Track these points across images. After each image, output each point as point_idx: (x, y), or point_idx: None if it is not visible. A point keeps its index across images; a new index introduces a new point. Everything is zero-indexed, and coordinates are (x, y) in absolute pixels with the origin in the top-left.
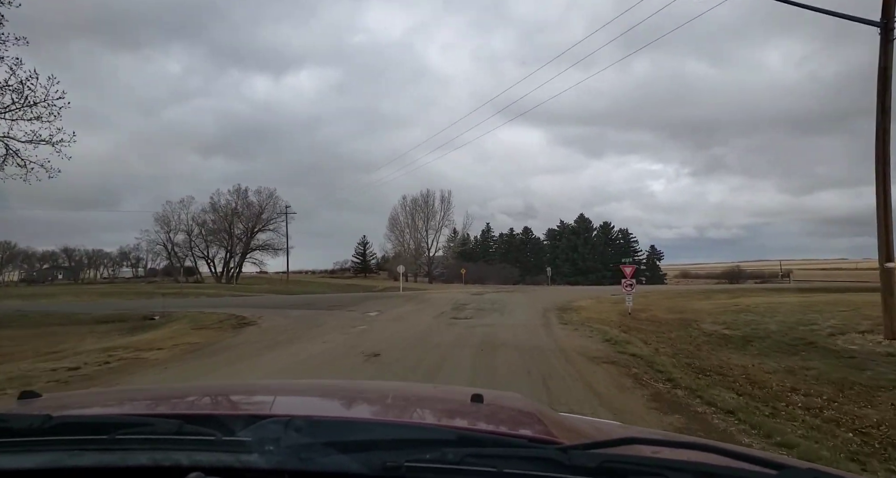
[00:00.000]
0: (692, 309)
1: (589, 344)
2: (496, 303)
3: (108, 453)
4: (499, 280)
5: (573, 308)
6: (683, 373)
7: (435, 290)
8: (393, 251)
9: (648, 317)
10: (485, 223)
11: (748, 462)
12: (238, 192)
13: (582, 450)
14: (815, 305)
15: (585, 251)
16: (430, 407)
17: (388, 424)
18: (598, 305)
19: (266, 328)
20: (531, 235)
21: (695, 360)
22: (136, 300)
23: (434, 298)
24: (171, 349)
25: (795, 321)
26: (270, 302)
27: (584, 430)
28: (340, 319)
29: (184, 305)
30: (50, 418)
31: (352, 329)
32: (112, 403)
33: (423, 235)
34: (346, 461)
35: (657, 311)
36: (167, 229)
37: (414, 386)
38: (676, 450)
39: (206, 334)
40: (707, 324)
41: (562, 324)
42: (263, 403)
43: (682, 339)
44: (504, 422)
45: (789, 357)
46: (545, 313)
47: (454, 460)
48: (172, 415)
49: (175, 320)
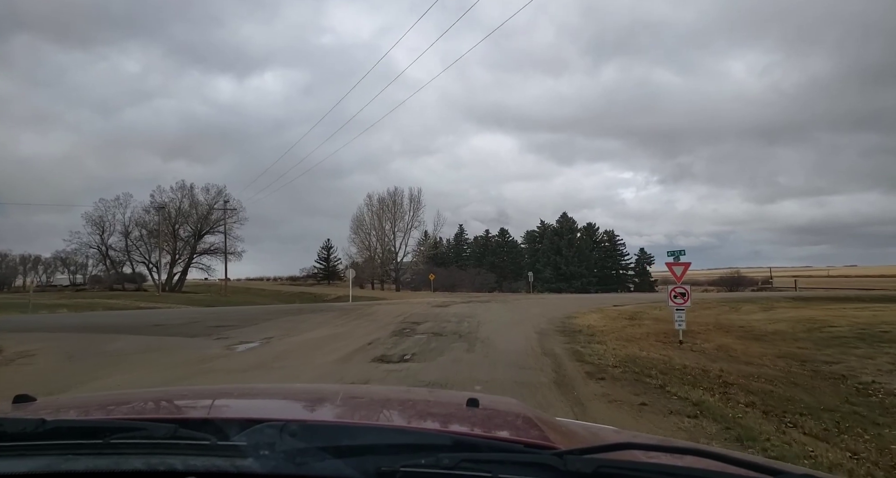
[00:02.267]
0: (760, 329)
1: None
2: (464, 321)
3: (102, 457)
4: (472, 287)
5: (582, 329)
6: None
7: (394, 299)
8: (358, 255)
9: (718, 348)
10: (458, 225)
11: (744, 467)
12: (182, 189)
13: (578, 455)
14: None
15: (570, 254)
16: (426, 412)
17: (383, 428)
18: (614, 322)
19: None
20: (508, 237)
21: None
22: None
23: (379, 313)
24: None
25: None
26: (128, 322)
27: (580, 435)
28: (165, 359)
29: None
30: (44, 422)
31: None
32: (107, 406)
33: (390, 238)
34: (341, 466)
35: (713, 332)
36: (100, 231)
37: (409, 391)
38: (672, 455)
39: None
40: (836, 362)
41: (592, 376)
42: (258, 407)
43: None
44: (500, 427)
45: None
46: (544, 342)
47: (450, 465)
48: (167, 419)
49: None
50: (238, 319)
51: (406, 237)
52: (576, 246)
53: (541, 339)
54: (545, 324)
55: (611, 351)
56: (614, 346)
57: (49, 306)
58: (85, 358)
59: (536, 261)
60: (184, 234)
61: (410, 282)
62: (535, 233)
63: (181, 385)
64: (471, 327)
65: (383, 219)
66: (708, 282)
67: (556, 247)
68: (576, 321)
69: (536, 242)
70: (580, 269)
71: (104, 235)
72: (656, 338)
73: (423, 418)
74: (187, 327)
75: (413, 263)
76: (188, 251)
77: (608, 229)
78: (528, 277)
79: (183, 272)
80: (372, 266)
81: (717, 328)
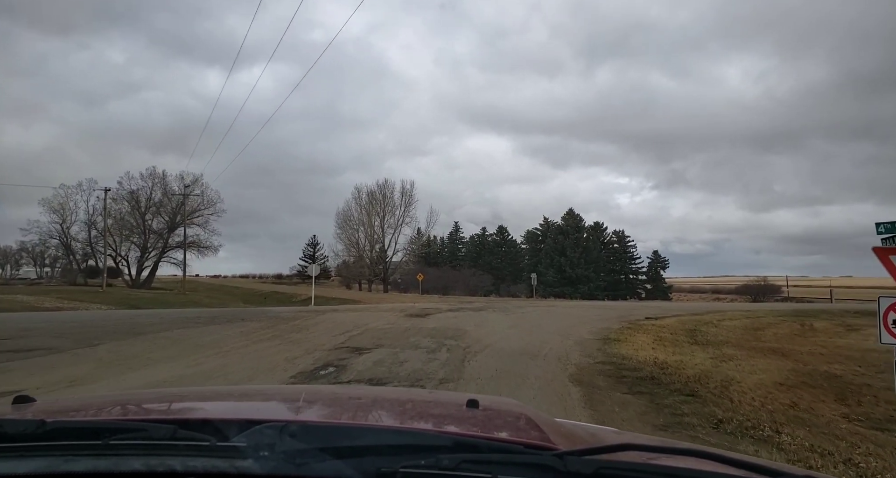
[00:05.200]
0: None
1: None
2: (443, 346)
3: (102, 458)
4: (467, 289)
5: (664, 377)
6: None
7: (370, 302)
8: (345, 253)
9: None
10: (453, 223)
11: (744, 469)
12: (153, 176)
13: (578, 456)
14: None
15: (575, 255)
16: (426, 412)
17: (383, 429)
18: (706, 356)
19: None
20: (507, 235)
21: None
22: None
23: (321, 327)
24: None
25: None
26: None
27: (580, 436)
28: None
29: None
30: (44, 423)
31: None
32: (106, 408)
33: (379, 235)
34: (341, 467)
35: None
36: (61, 220)
37: (409, 391)
38: (673, 457)
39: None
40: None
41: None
42: (258, 408)
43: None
44: (500, 427)
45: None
46: (606, 414)
47: (450, 466)
48: (167, 420)
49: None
50: (82, 333)
51: (396, 234)
52: (582, 246)
53: (591, 399)
54: (578, 354)
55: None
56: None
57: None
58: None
59: (538, 262)
60: (157, 225)
61: (400, 283)
62: (536, 232)
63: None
64: (451, 363)
65: (372, 214)
66: (728, 290)
67: (561, 247)
68: (630, 351)
69: (538, 242)
70: (587, 272)
71: (64, 224)
72: (837, 406)
73: (422, 418)
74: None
75: (403, 263)
76: (161, 245)
77: (617, 229)
78: (530, 280)
79: (153, 267)
80: (360, 265)
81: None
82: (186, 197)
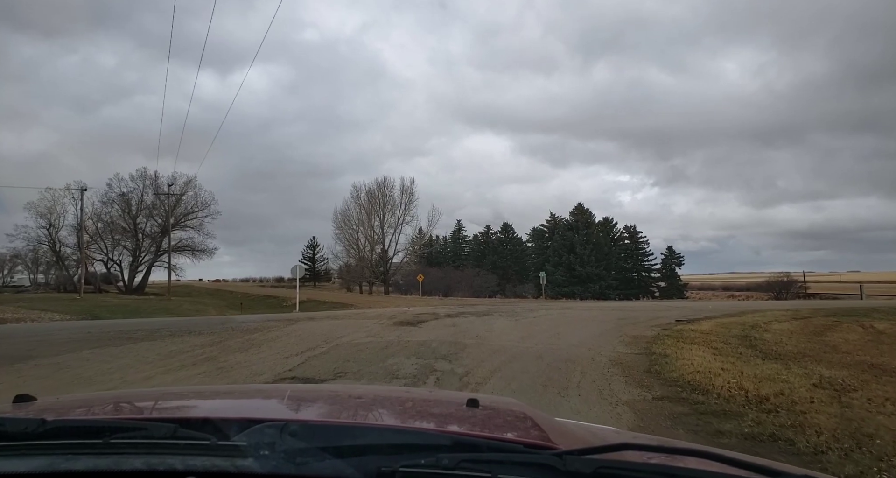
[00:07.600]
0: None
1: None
2: (432, 372)
3: (102, 457)
4: (470, 290)
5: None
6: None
7: (361, 306)
8: (345, 254)
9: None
10: (455, 222)
11: (744, 468)
12: (144, 177)
13: (578, 455)
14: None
15: (585, 253)
16: (426, 412)
17: (383, 428)
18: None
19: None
20: (512, 233)
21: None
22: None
23: (282, 342)
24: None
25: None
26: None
27: (580, 435)
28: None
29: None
30: (44, 421)
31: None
32: (107, 406)
33: (379, 235)
34: (341, 466)
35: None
36: (47, 224)
37: (409, 391)
38: (672, 456)
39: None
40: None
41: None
42: (258, 407)
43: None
44: (500, 427)
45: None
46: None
47: (449, 466)
48: (167, 419)
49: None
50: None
51: (397, 234)
52: (592, 243)
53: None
54: (622, 381)
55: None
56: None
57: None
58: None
59: (546, 260)
60: (150, 229)
61: (402, 284)
62: (542, 229)
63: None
64: None
65: (371, 213)
66: (748, 287)
67: (570, 244)
68: (692, 373)
69: (545, 240)
70: (598, 270)
71: (52, 229)
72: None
73: (423, 418)
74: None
75: (405, 264)
76: (154, 249)
77: (628, 225)
78: (539, 279)
79: (147, 272)
80: (361, 266)
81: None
82: (177, 198)
